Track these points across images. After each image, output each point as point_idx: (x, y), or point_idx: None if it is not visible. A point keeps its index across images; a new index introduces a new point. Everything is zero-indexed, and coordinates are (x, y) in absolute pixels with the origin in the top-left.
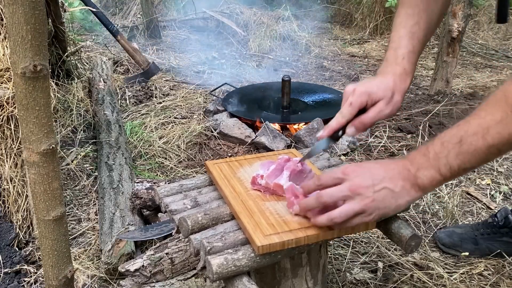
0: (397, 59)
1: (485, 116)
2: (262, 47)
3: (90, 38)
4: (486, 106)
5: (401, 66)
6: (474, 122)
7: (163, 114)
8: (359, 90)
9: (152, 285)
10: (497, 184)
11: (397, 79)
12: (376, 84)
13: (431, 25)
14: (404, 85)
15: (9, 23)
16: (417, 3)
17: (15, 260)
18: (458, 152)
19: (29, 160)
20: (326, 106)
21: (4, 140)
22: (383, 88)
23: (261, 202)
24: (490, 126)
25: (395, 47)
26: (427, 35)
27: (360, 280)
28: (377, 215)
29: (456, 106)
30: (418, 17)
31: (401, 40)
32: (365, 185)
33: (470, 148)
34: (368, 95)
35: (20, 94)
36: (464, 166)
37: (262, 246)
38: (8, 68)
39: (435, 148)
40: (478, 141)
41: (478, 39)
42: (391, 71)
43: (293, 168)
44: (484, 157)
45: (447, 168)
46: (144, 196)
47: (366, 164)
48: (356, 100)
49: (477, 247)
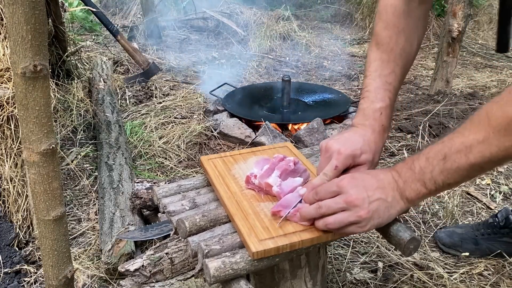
0: (375, 114)
1: (468, 135)
2: (262, 47)
3: (90, 38)
4: (470, 125)
5: (379, 122)
6: (457, 140)
7: (163, 114)
8: (345, 153)
9: (152, 285)
10: (497, 184)
11: (376, 136)
12: (359, 146)
13: (406, 69)
14: (381, 143)
15: (9, 23)
16: (392, 47)
17: (15, 260)
18: (442, 169)
19: (29, 160)
20: (326, 106)
21: (4, 140)
22: (366, 150)
23: (255, 203)
24: (473, 145)
25: (372, 99)
26: (402, 80)
27: (360, 280)
28: (371, 226)
29: (456, 106)
30: (394, 64)
31: (377, 92)
32: (361, 197)
33: (454, 165)
34: (353, 158)
35: (20, 94)
36: (448, 181)
37: (256, 252)
38: (8, 68)
39: (420, 163)
40: (461, 159)
41: (478, 39)
42: (370, 128)
43: (285, 167)
44: (466, 174)
45: (432, 182)
46: (144, 196)
47: (358, 175)
48: (342, 163)
49: (478, 247)
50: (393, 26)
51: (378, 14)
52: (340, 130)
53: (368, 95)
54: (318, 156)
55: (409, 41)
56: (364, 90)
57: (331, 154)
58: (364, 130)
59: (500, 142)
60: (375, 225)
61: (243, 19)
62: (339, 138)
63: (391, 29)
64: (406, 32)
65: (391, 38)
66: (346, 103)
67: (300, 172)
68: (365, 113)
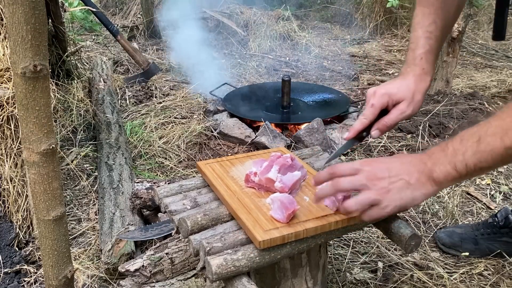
0: (416, 60)
1: (506, 118)
2: (262, 47)
3: (90, 38)
4: (508, 109)
5: (419, 66)
6: (494, 123)
7: (163, 114)
8: (380, 92)
9: (152, 285)
10: (497, 184)
11: (417, 79)
12: (396, 85)
13: (448, 21)
14: (424, 85)
15: (9, 23)
16: (433, 2)
17: (15, 260)
18: (475, 151)
19: (29, 160)
20: (326, 106)
21: (4, 140)
22: (404, 89)
23: (257, 199)
24: (510, 128)
25: (413, 47)
26: (444, 32)
27: (360, 280)
28: (393, 208)
29: (456, 106)
30: (435, 15)
31: (418, 40)
32: (382, 175)
33: (488, 147)
34: (389, 96)
35: (20, 94)
36: (481, 165)
37: (263, 241)
38: (8, 68)
39: (454, 144)
40: (496, 141)
41: (478, 39)
42: (411, 72)
43: (283, 163)
44: (500, 158)
45: (463, 165)
46: (144, 196)
47: (382, 158)
48: (377, 101)
49: (477, 247)
50: None
51: None
52: (340, 130)
53: (410, 46)
54: (318, 156)
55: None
56: (409, 43)
57: (369, 98)
58: (404, 76)
59: None
60: (397, 208)
61: (243, 19)
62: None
63: None
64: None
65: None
66: (346, 103)
67: (298, 167)
68: (408, 62)
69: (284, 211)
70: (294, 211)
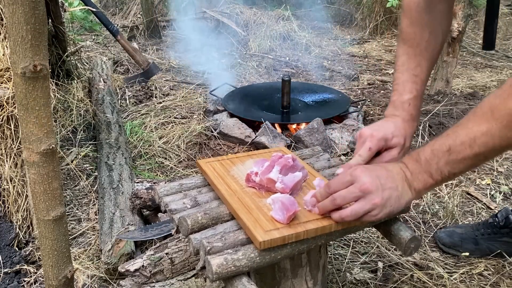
0: (404, 105)
1: (472, 127)
2: (262, 47)
3: (90, 38)
4: (473, 117)
5: (407, 112)
6: (462, 132)
7: (163, 114)
8: (377, 136)
9: (152, 285)
10: (497, 184)
11: (406, 125)
12: (391, 131)
13: (433, 61)
14: (411, 130)
15: (9, 23)
16: (418, 42)
17: (15, 260)
18: (447, 160)
19: (29, 160)
20: (326, 106)
21: (4, 140)
22: (398, 136)
23: (257, 199)
24: (477, 136)
25: (401, 91)
26: (429, 72)
27: (360, 280)
28: (383, 214)
29: (456, 106)
30: (420, 57)
31: (405, 85)
32: (375, 184)
33: (458, 156)
34: (385, 141)
35: (20, 94)
36: (454, 171)
37: (263, 242)
38: (8, 68)
39: (425, 154)
40: (465, 150)
41: (478, 39)
42: (400, 116)
43: (285, 163)
44: (471, 163)
45: (438, 173)
46: (144, 196)
47: (370, 166)
48: (375, 145)
49: (478, 247)
50: (417, 22)
51: (403, 12)
52: (340, 130)
53: (397, 88)
54: (318, 156)
55: (434, 34)
56: (394, 84)
57: (365, 139)
58: (394, 119)
59: (503, 134)
60: (387, 214)
61: (243, 19)
62: (373, 126)
63: (415, 25)
64: (430, 27)
65: (415, 33)
66: (346, 103)
67: (299, 168)
68: (395, 105)
69: (285, 212)
70: (295, 213)
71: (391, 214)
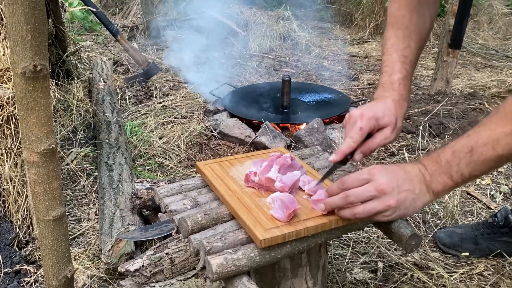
0: (394, 85)
1: (495, 128)
2: (262, 47)
3: (90, 38)
4: (495, 118)
5: (398, 92)
6: (484, 133)
7: (163, 114)
8: (367, 115)
9: (152, 285)
10: (497, 184)
11: (396, 104)
12: (381, 109)
13: (421, 44)
14: (402, 111)
15: (9, 23)
16: (406, 25)
17: (15, 260)
18: (469, 161)
19: (29, 160)
20: (326, 106)
21: (4, 140)
22: (388, 114)
23: (257, 198)
24: (500, 137)
25: (390, 72)
26: (417, 55)
27: (360, 280)
28: (396, 215)
29: (456, 106)
30: (409, 39)
31: (394, 65)
32: (391, 185)
33: (480, 157)
34: (376, 120)
35: (20, 94)
36: (475, 173)
37: (264, 240)
38: (8, 68)
39: (446, 156)
40: (488, 151)
41: (478, 39)
42: (390, 97)
43: (283, 163)
44: (493, 165)
45: (459, 175)
46: (144, 196)
47: (388, 166)
48: (365, 125)
49: (477, 247)
50: (405, 6)
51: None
52: (340, 130)
53: (386, 70)
54: (318, 156)
55: (422, 18)
56: (383, 66)
57: (355, 120)
58: (384, 100)
59: None
60: (400, 216)
61: (243, 19)
62: (362, 107)
63: (404, 8)
64: (419, 10)
65: (404, 16)
66: (346, 103)
67: (297, 167)
68: (384, 86)
69: (284, 210)
70: (295, 211)
71: (404, 216)
